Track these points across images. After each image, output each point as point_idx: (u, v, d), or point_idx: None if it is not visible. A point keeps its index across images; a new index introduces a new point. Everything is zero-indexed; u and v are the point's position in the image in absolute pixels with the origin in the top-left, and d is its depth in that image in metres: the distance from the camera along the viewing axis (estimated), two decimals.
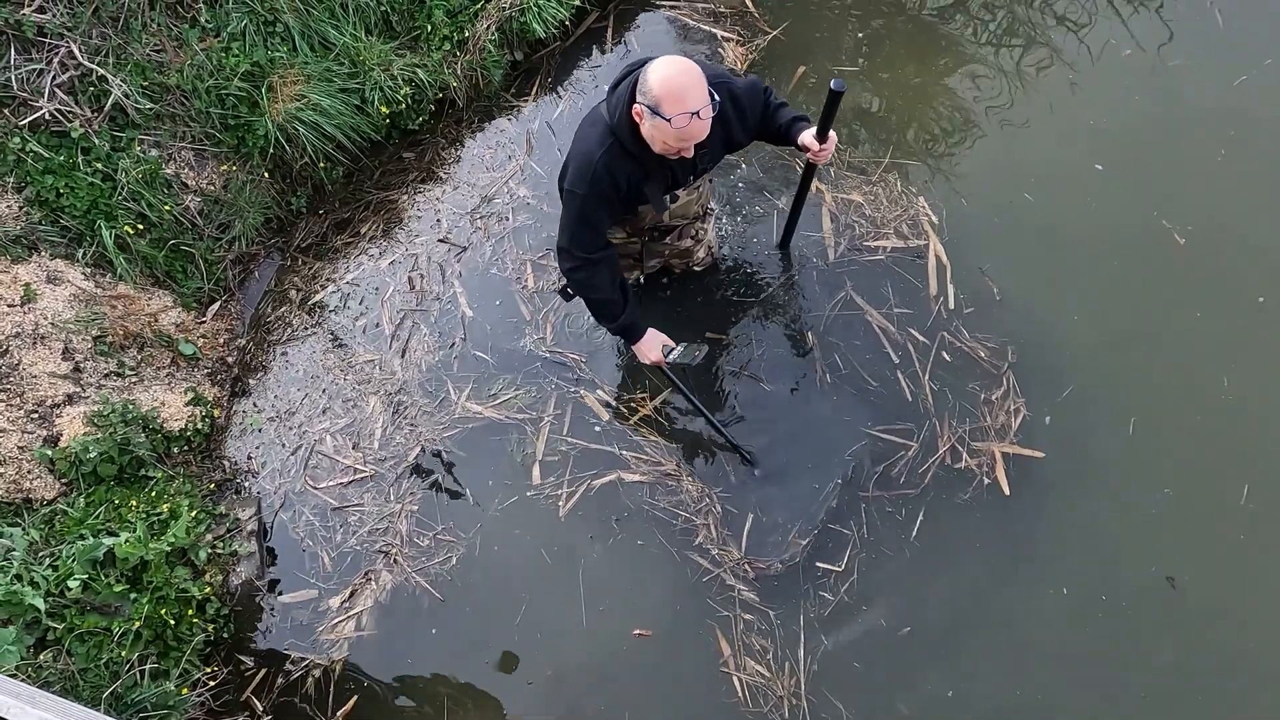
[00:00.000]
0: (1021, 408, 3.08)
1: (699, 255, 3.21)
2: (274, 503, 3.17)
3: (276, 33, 3.44)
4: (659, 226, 2.86)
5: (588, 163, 2.27)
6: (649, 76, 2.06)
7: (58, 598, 2.59)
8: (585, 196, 2.31)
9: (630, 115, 2.17)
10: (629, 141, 2.22)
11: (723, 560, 2.91)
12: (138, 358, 3.19)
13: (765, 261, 3.40)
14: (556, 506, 3.04)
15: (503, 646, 2.88)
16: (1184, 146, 3.55)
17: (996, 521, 2.94)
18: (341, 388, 3.35)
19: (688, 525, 2.97)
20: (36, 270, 3.05)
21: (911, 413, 3.09)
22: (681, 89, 2.03)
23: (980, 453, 3.03)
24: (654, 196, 2.42)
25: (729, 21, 4.01)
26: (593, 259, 2.43)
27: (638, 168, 2.31)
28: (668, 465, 3.07)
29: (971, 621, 2.82)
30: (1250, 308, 3.21)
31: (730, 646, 2.80)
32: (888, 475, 3.00)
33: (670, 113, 2.04)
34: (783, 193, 3.51)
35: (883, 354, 3.20)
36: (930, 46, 3.88)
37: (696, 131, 2.10)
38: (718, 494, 3.03)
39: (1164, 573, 2.83)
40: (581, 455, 3.12)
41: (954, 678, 2.76)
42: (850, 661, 2.78)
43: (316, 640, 2.93)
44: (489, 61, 3.75)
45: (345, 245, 3.66)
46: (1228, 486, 2.94)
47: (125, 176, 3.18)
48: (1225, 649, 2.75)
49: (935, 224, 3.41)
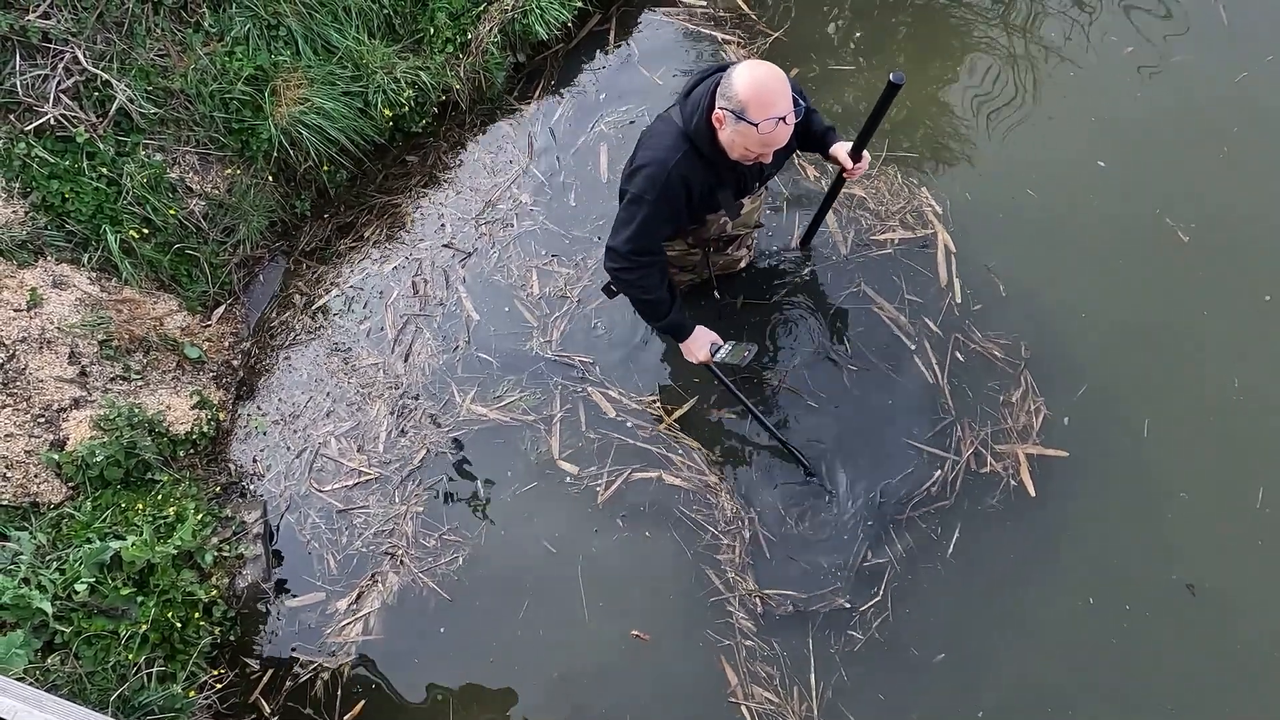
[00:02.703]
0: (1042, 407, 3.06)
1: (743, 263, 3.21)
2: (280, 505, 3.17)
3: (280, 36, 3.45)
4: (723, 237, 2.83)
5: (661, 170, 2.22)
6: (735, 81, 2.03)
7: (65, 601, 2.59)
8: (654, 203, 2.26)
9: (709, 120, 2.14)
10: (706, 147, 2.19)
11: (735, 585, 2.87)
12: (143, 361, 3.19)
13: (787, 262, 3.38)
14: (583, 501, 3.02)
15: (510, 647, 2.87)
16: (1186, 143, 3.54)
17: (1026, 529, 2.89)
18: (346, 391, 3.35)
19: (715, 541, 2.94)
20: (42, 275, 3.06)
21: (940, 419, 3.07)
22: (771, 94, 2.02)
23: (1004, 455, 3.00)
24: (727, 202, 2.39)
25: (729, 25, 4.02)
26: (643, 262, 2.38)
27: (712, 175, 2.28)
28: (710, 476, 3.04)
29: (1008, 641, 2.77)
30: (1257, 306, 3.19)
31: (736, 674, 2.77)
32: (924, 492, 2.96)
33: (757, 117, 2.02)
34: (795, 191, 3.51)
35: (900, 350, 3.19)
36: (931, 44, 3.88)
37: (781, 137, 2.08)
38: (753, 519, 2.97)
39: (1184, 580, 2.80)
40: (621, 450, 3.09)
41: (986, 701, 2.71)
42: (875, 694, 2.73)
43: (324, 643, 2.93)
44: (491, 64, 3.76)
45: (349, 249, 3.67)
46: (1243, 489, 2.91)
47: (130, 181, 3.19)
48: (1250, 655, 2.72)
49: (940, 214, 3.41)
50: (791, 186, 3.53)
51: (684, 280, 3.13)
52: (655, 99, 3.81)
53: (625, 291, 2.49)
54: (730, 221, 2.68)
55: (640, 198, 2.27)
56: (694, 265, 3.02)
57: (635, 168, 2.31)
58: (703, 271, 3.05)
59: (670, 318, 2.52)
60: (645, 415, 3.17)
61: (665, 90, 3.84)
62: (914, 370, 3.16)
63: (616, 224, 2.37)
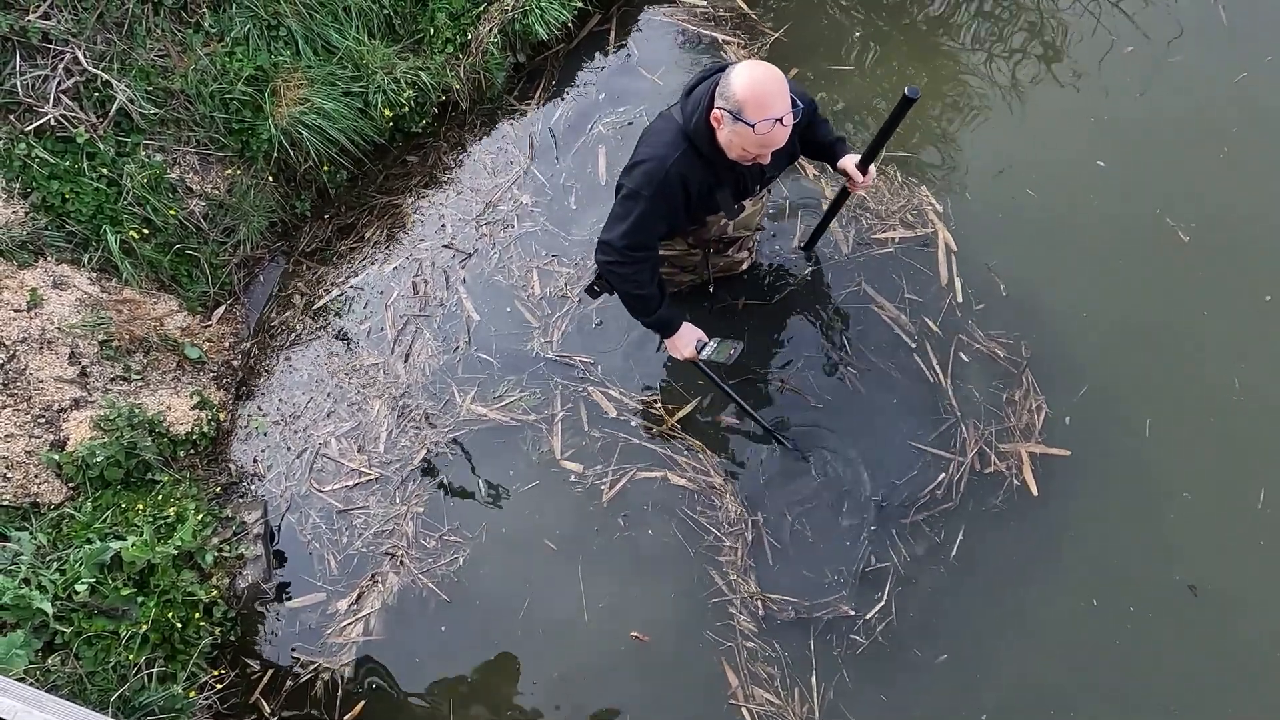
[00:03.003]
0: (1043, 404, 3.05)
1: (745, 264, 3.21)
2: (280, 506, 3.17)
3: (280, 37, 3.45)
4: (723, 238, 2.83)
5: (659, 167, 2.22)
6: (733, 81, 2.04)
7: (65, 601, 2.59)
8: (651, 199, 2.26)
9: (708, 120, 2.14)
10: (704, 146, 2.19)
11: (737, 588, 2.86)
12: (144, 362, 3.19)
13: (789, 263, 3.38)
14: (587, 499, 3.02)
15: (510, 647, 2.87)
16: (1186, 143, 3.54)
17: (1029, 530, 2.88)
18: (346, 391, 3.35)
19: (717, 542, 2.94)
20: (43, 275, 3.06)
21: (943, 420, 3.06)
22: (768, 95, 2.02)
23: (1007, 454, 3.00)
24: (725, 203, 2.39)
25: (729, 25, 4.02)
26: (637, 258, 2.38)
27: (710, 174, 2.28)
28: (715, 478, 3.03)
29: (1009, 642, 2.76)
30: (1257, 306, 3.19)
31: (737, 676, 2.77)
32: (929, 494, 2.95)
33: (754, 118, 2.02)
34: (797, 192, 3.51)
35: (903, 349, 3.18)
36: (931, 44, 3.88)
37: (778, 138, 2.08)
38: (758, 521, 2.96)
39: (1186, 580, 2.79)
40: (625, 450, 3.09)
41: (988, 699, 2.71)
42: (877, 695, 2.73)
43: (324, 643, 2.93)
44: (491, 64, 3.76)
45: (349, 249, 3.67)
46: (1244, 490, 2.91)
47: (130, 181, 3.19)
48: (1251, 656, 2.71)
49: (940, 212, 3.41)
50: (793, 188, 3.53)
51: (684, 281, 3.13)
52: (655, 100, 3.81)
53: (616, 285, 2.48)
54: (730, 223, 2.68)
55: (637, 193, 2.27)
56: (694, 266, 3.01)
57: (634, 163, 2.31)
58: (703, 273, 3.05)
59: (659, 314, 2.53)
60: (647, 415, 3.17)
61: (665, 91, 3.84)
62: (916, 370, 3.16)
63: (611, 218, 2.37)
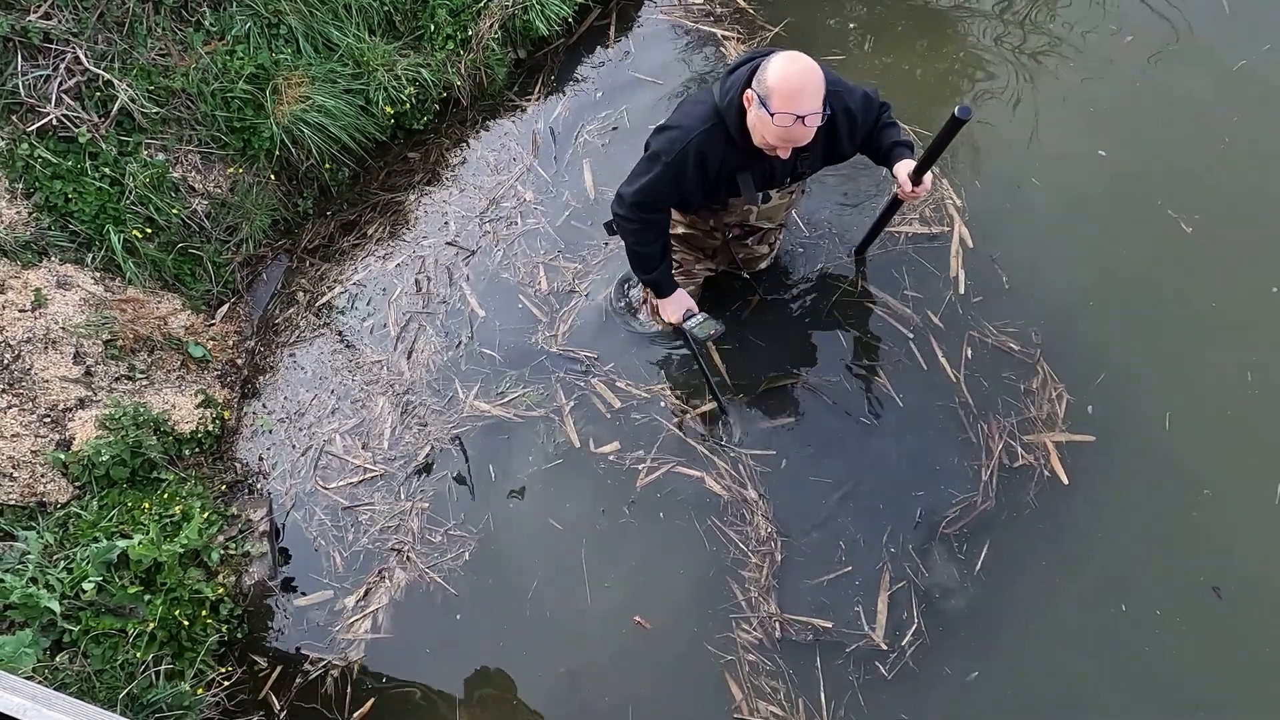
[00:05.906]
0: (1064, 392, 3.03)
1: (766, 261, 3.20)
2: (285, 503, 3.17)
3: (280, 35, 3.45)
4: (745, 225, 2.82)
5: (683, 136, 2.25)
6: (769, 67, 2.05)
7: (73, 600, 2.59)
8: (667, 165, 2.29)
9: (741, 100, 2.15)
10: (733, 126, 2.20)
11: (757, 606, 2.81)
12: (148, 361, 3.19)
13: (805, 257, 3.37)
14: (590, 499, 3.01)
15: (519, 642, 2.87)
16: (1188, 133, 3.53)
17: (1057, 529, 2.82)
18: (350, 388, 3.35)
19: (742, 557, 2.89)
20: (46, 275, 3.06)
21: (963, 415, 3.03)
22: (796, 89, 2.02)
23: (1033, 446, 2.97)
24: (746, 188, 2.39)
25: (728, 20, 4.02)
26: (643, 218, 2.43)
27: (735, 155, 2.28)
28: (749, 493, 2.99)
29: (1041, 654, 2.68)
30: (1264, 297, 3.18)
31: (741, 690, 2.73)
32: (965, 501, 2.90)
33: (776, 108, 2.02)
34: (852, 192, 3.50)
35: (909, 344, 3.17)
36: (932, 34, 3.88)
37: (797, 136, 2.08)
38: (789, 542, 2.90)
39: (1210, 581, 2.74)
40: (664, 444, 3.07)
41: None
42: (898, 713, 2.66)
43: (333, 640, 2.93)
44: (492, 60, 3.76)
45: (352, 247, 3.67)
46: (1263, 485, 2.87)
47: (133, 181, 3.19)
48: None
49: (960, 207, 3.39)
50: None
51: (699, 270, 3.10)
52: (654, 94, 3.81)
53: (624, 237, 2.56)
54: (754, 210, 2.66)
55: (657, 155, 2.31)
56: (713, 251, 3.00)
57: (664, 126, 2.35)
58: (721, 263, 3.04)
59: (656, 274, 2.62)
60: (665, 411, 3.14)
61: (664, 86, 3.84)
62: (933, 365, 3.13)
63: (632, 173, 2.42)
